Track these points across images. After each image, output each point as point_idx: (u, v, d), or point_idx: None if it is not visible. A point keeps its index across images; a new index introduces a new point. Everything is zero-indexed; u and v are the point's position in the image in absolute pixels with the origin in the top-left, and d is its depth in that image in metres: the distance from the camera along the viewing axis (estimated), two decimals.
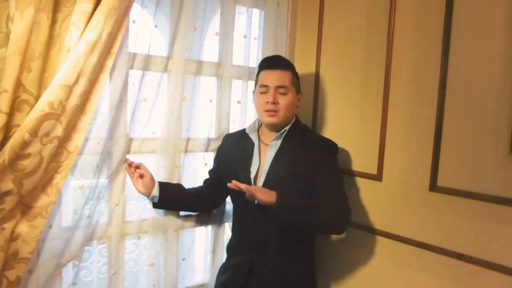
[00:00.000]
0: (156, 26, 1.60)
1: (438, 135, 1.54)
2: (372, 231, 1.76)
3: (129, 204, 1.70)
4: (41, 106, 1.24)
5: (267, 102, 1.58)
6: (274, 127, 1.65)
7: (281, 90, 1.59)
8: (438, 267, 1.55)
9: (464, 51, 1.48)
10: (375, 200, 1.75)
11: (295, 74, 1.66)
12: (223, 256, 1.88)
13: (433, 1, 1.55)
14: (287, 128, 1.63)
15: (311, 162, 1.59)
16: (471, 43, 1.46)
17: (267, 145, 1.66)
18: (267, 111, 1.59)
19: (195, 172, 1.85)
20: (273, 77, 1.60)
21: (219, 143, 1.82)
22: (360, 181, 1.80)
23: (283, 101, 1.59)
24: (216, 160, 1.80)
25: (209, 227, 1.90)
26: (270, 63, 1.64)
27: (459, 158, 1.49)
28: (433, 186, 1.55)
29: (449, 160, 1.52)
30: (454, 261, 1.50)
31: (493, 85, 1.41)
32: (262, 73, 1.64)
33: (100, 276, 1.88)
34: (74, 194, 1.55)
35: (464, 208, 1.48)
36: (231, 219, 1.84)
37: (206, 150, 1.84)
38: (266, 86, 1.60)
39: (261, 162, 1.65)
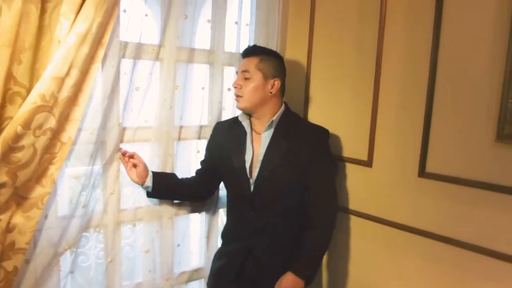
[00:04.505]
0: (146, 15, 1.59)
1: (427, 122, 1.56)
2: (362, 216, 1.80)
3: (124, 189, 1.72)
4: (33, 98, 1.24)
5: (235, 88, 1.66)
6: (250, 113, 1.68)
7: (245, 75, 1.64)
8: (426, 250, 1.59)
9: (455, 39, 1.49)
10: (365, 186, 1.79)
11: (265, 60, 1.64)
12: (217, 241, 1.92)
13: None
14: (274, 118, 1.65)
15: (305, 150, 1.62)
16: (462, 30, 1.47)
17: (259, 134, 1.68)
18: (235, 95, 1.67)
19: (189, 160, 1.86)
20: (241, 64, 1.68)
21: (211, 130, 1.83)
22: (350, 167, 1.83)
23: (246, 86, 1.63)
24: (208, 149, 1.81)
25: (203, 213, 1.93)
26: (242, 52, 1.71)
27: (448, 145, 1.52)
28: (422, 172, 1.59)
29: (437, 146, 1.55)
30: (441, 245, 1.55)
31: (482, 73, 1.43)
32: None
33: (98, 261, 1.91)
34: (69, 184, 1.57)
35: (452, 194, 1.52)
36: (225, 205, 1.87)
37: (199, 138, 1.85)
38: (237, 73, 1.69)
39: (255, 151, 1.67)
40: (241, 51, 1.73)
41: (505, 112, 1.36)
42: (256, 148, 1.67)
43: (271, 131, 1.66)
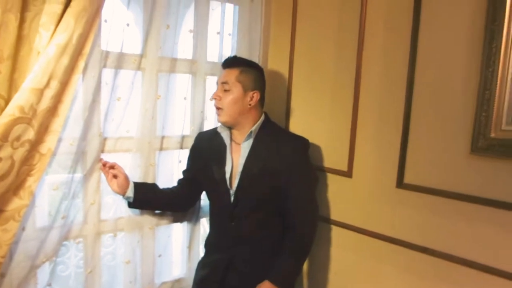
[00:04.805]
0: (128, 25, 1.58)
1: (405, 135, 1.60)
2: (342, 225, 1.82)
3: (106, 197, 1.71)
4: (11, 110, 1.22)
5: (214, 99, 1.66)
6: (231, 126, 1.68)
7: (225, 87, 1.64)
8: (404, 259, 1.62)
9: (431, 53, 1.53)
10: (345, 196, 1.81)
11: (245, 71, 1.64)
12: (199, 251, 1.91)
13: (403, 1, 1.59)
14: (253, 129, 1.66)
15: (285, 160, 1.63)
16: (438, 45, 1.52)
17: (238, 144, 1.68)
18: (215, 107, 1.67)
19: (171, 170, 1.86)
20: (221, 75, 1.67)
21: (193, 140, 1.82)
22: (331, 177, 1.86)
23: (225, 98, 1.63)
24: (190, 160, 1.81)
25: (185, 223, 1.92)
26: (223, 63, 1.70)
27: (425, 157, 1.56)
28: (400, 183, 1.62)
29: (415, 158, 1.59)
30: (418, 254, 1.58)
31: (457, 87, 1.47)
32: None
33: (77, 270, 1.89)
34: (48, 195, 1.55)
35: (429, 204, 1.55)
36: (207, 215, 1.87)
37: (181, 148, 1.85)
38: (217, 84, 1.69)
39: (234, 162, 1.67)
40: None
41: (479, 126, 1.40)
42: (236, 159, 1.67)
43: (251, 141, 1.66)
